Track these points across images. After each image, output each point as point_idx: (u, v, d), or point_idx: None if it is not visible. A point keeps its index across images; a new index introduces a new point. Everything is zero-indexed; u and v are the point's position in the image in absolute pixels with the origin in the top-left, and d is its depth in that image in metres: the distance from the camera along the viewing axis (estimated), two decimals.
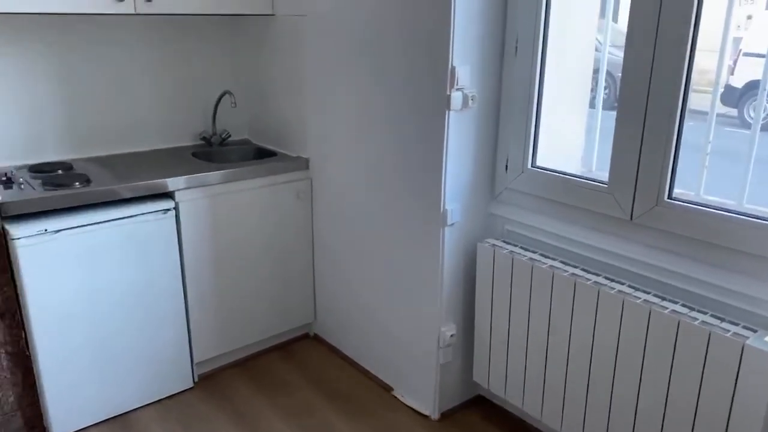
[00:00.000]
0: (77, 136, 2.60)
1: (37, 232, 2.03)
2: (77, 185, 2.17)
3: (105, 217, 2.16)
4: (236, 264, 2.58)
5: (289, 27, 2.63)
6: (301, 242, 2.78)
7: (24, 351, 2.17)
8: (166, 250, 2.33)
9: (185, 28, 2.80)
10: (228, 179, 2.46)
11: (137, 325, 2.32)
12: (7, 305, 2.10)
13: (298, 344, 2.91)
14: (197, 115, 2.93)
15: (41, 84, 2.47)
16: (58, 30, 2.46)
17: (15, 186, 2.15)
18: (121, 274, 2.24)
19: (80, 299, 2.16)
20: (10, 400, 2.18)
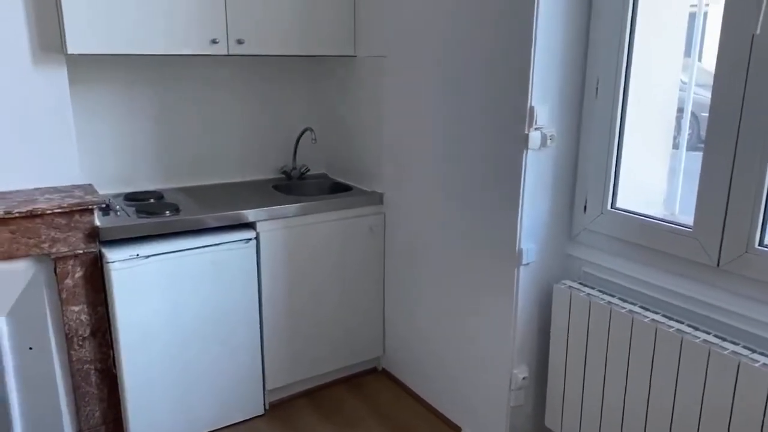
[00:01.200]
0: (168, 167, 2.77)
1: (129, 256, 2.16)
2: (168, 214, 2.31)
3: (192, 245, 2.27)
4: (310, 295, 2.64)
5: (369, 67, 2.73)
6: (373, 276, 2.82)
7: (111, 369, 2.29)
8: (245, 279, 2.42)
9: (271, 68, 2.95)
10: (305, 212, 2.54)
11: (215, 350, 2.41)
12: (99, 324, 2.24)
13: (366, 378, 2.92)
14: (279, 150, 3.06)
15: (139, 118, 2.67)
16: (156, 69, 2.66)
17: (112, 213, 2.31)
18: (203, 300, 2.34)
19: (164, 322, 2.27)
20: (96, 414, 2.30)
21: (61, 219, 2.09)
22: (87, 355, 2.23)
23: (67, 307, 2.17)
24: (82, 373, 2.24)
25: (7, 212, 1.98)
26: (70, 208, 2.09)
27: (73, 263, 2.15)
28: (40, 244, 2.08)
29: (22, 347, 2.18)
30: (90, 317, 2.21)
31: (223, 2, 2.40)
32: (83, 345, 2.22)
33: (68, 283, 2.15)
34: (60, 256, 2.12)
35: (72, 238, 2.12)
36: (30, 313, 2.15)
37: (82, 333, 2.21)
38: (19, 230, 2.04)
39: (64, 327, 2.18)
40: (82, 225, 2.14)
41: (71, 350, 2.20)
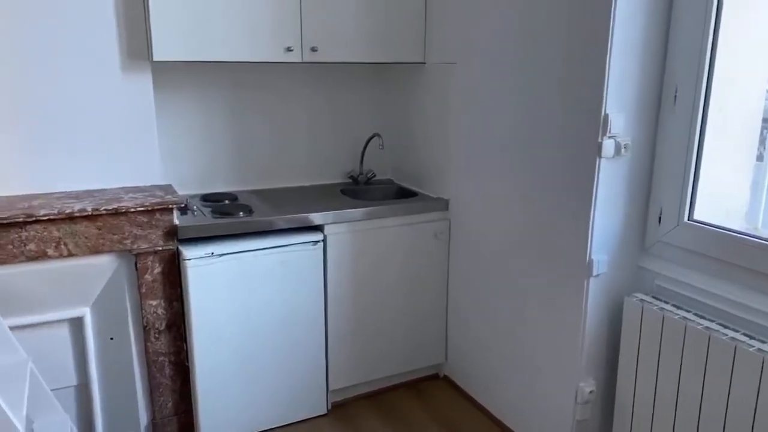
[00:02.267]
0: (242, 170, 2.88)
1: (204, 254, 2.25)
2: (241, 215, 2.40)
3: (262, 245, 2.35)
4: (374, 298, 2.67)
5: (438, 74, 2.74)
6: (437, 282, 2.82)
7: (184, 361, 2.39)
8: (312, 280, 2.48)
9: (340, 75, 3.01)
10: (371, 216, 2.58)
11: (282, 348, 2.47)
12: (175, 318, 2.34)
13: (428, 383, 2.92)
14: (347, 155, 3.12)
15: (216, 123, 2.78)
16: (232, 75, 2.77)
17: (189, 213, 2.42)
18: (271, 299, 2.41)
19: (234, 319, 2.35)
20: (168, 405, 2.40)
21: (143, 217, 2.21)
22: (162, 347, 2.34)
23: (146, 300, 2.28)
24: (157, 364, 2.35)
25: (94, 209, 2.11)
26: (151, 207, 2.20)
27: (152, 259, 2.26)
28: (123, 240, 2.20)
29: (104, 337, 2.31)
30: (166, 311, 2.32)
31: (298, 11, 2.48)
32: (159, 338, 2.33)
33: (147, 278, 2.27)
34: (141, 252, 2.23)
35: (152, 236, 2.24)
36: (112, 305, 2.28)
37: (159, 326, 2.32)
38: (105, 227, 2.16)
39: (142, 320, 2.30)
40: (162, 223, 2.25)
41: (148, 342, 2.32)
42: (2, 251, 2.03)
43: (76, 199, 2.21)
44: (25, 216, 2.01)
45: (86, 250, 2.15)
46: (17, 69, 2.18)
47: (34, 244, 2.07)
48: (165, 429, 2.41)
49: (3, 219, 1.99)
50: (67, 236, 2.11)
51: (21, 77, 2.19)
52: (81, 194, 2.29)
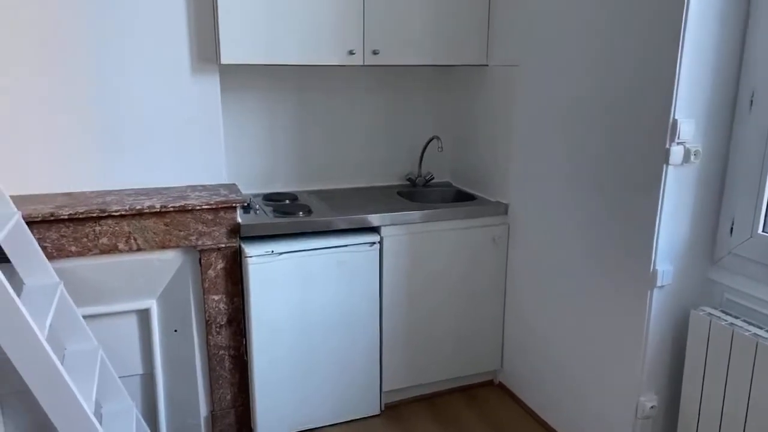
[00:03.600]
0: (303, 171, 2.93)
1: (265, 252, 2.31)
2: (301, 214, 2.44)
3: (321, 245, 2.39)
4: (429, 301, 2.67)
5: (500, 76, 2.71)
6: (494, 288, 2.78)
7: (243, 356, 2.46)
8: (368, 281, 2.50)
9: (401, 76, 3.02)
10: (428, 219, 2.57)
11: (337, 347, 2.50)
12: (235, 314, 2.42)
13: (482, 390, 2.89)
14: (405, 157, 3.13)
15: (279, 124, 2.85)
16: (294, 78, 2.83)
17: (252, 211, 2.49)
18: (328, 298, 2.45)
19: (292, 316, 2.40)
20: (227, 397, 2.48)
21: (208, 215, 2.29)
22: (223, 341, 2.42)
23: (209, 295, 2.36)
24: (217, 357, 2.43)
25: (162, 206, 2.20)
26: (216, 205, 2.28)
27: (215, 256, 2.34)
28: (189, 236, 2.29)
29: (168, 329, 2.41)
30: (227, 306, 2.40)
31: (361, 14, 2.51)
32: (220, 332, 2.41)
33: (210, 274, 2.35)
34: (205, 248, 2.31)
35: (216, 233, 2.32)
36: (176, 298, 2.37)
37: (220, 321, 2.40)
38: (172, 223, 2.25)
39: (204, 314, 2.38)
40: (226, 221, 2.32)
41: (209, 336, 2.40)
42: (78, 244, 2.15)
43: (146, 196, 2.32)
44: (99, 211, 2.13)
45: (154, 245, 2.25)
46: (94, 71, 2.31)
47: (107, 238, 2.18)
48: (223, 421, 2.49)
49: (80, 213, 2.10)
50: (136, 231, 2.21)
51: (98, 79, 2.32)
52: (151, 191, 2.39)
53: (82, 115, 2.32)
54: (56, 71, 2.26)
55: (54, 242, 2.12)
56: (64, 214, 2.09)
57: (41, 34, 2.21)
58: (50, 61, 2.25)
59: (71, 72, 2.28)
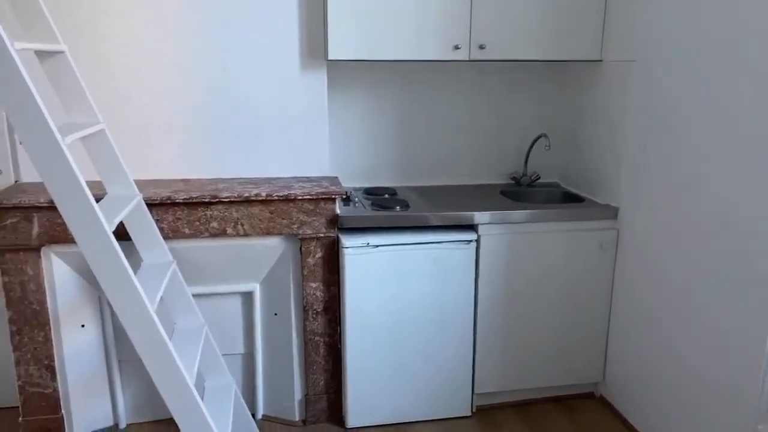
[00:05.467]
0: (405, 166, 2.95)
1: (361, 244, 2.35)
2: (398, 209, 2.46)
3: (417, 240, 2.39)
4: (527, 305, 2.58)
5: (615, 72, 2.55)
6: (599, 296, 2.63)
7: (337, 344, 2.52)
8: (463, 279, 2.46)
9: (508, 72, 2.94)
10: (530, 219, 2.48)
11: (430, 343, 2.49)
12: (331, 302, 2.48)
13: (581, 402, 2.74)
14: (510, 155, 3.04)
15: (382, 119, 2.88)
16: (398, 73, 2.84)
17: (351, 204, 2.54)
18: (423, 294, 2.44)
19: (386, 308, 2.42)
20: (321, 383, 2.55)
21: (310, 205, 2.37)
22: (318, 328, 2.49)
23: (307, 282, 2.44)
24: (313, 343, 2.50)
25: (268, 195, 2.31)
26: (317, 196, 2.35)
27: (315, 245, 2.41)
28: (291, 225, 2.38)
29: (269, 312, 2.52)
30: (324, 294, 2.47)
31: (468, 8, 2.47)
32: (316, 318, 2.48)
33: (309, 262, 2.42)
34: (305, 237, 2.40)
35: (316, 223, 2.39)
36: (277, 284, 2.48)
37: (317, 308, 2.47)
38: (276, 211, 2.36)
39: (302, 300, 2.47)
40: (326, 212, 2.39)
41: (306, 321, 2.48)
42: (191, 226, 2.31)
43: (254, 185, 2.44)
44: (210, 197, 2.27)
45: (259, 231, 2.36)
46: (211, 65, 2.46)
47: (217, 223, 2.32)
48: (316, 405, 2.57)
49: (194, 198, 2.26)
50: (243, 217, 2.34)
51: (214, 72, 2.47)
52: (259, 181, 2.52)
53: (200, 107, 2.49)
54: (179, 67, 2.44)
55: (170, 224, 2.29)
56: (180, 199, 2.25)
57: (165, 29, 2.40)
58: (173, 56, 2.43)
59: (192, 66, 2.45)
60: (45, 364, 2.33)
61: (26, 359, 2.31)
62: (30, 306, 2.27)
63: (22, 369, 2.32)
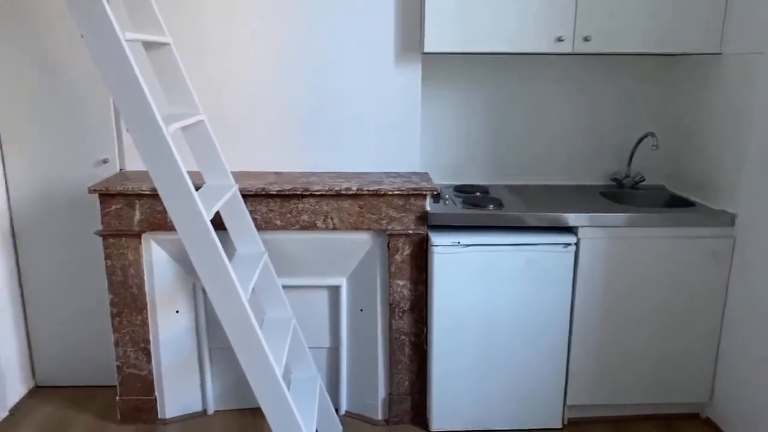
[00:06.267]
0: (498, 164, 2.84)
1: (451, 243, 2.27)
2: (491, 208, 2.36)
3: (510, 241, 2.28)
4: (628, 315, 2.40)
5: (737, 66, 2.33)
6: (709, 308, 2.42)
7: (423, 344, 2.46)
8: (559, 284, 2.33)
9: (613, 66, 2.76)
10: (634, 224, 2.31)
11: (521, 350, 2.38)
12: (418, 301, 2.42)
13: (684, 423, 2.53)
14: (611, 155, 2.86)
15: (475, 115, 2.78)
16: (494, 66, 2.73)
17: (441, 201, 2.47)
18: (514, 298, 2.33)
19: (475, 311, 2.33)
20: (405, 383, 2.50)
21: (399, 201, 2.32)
22: (404, 327, 2.44)
23: (394, 280, 2.39)
24: (398, 342, 2.45)
25: (358, 189, 2.28)
26: (407, 192, 2.30)
27: (403, 241, 2.36)
28: (380, 220, 2.34)
29: (355, 308, 2.50)
30: (411, 293, 2.41)
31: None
32: (402, 317, 2.43)
33: (397, 259, 2.38)
34: (394, 233, 2.35)
35: (405, 219, 2.34)
36: (364, 279, 2.45)
37: (403, 306, 2.42)
38: (366, 206, 2.32)
39: (389, 297, 2.42)
40: (415, 208, 2.33)
41: (392, 319, 2.43)
42: (283, 218, 2.32)
43: (344, 179, 2.42)
44: (302, 190, 2.27)
45: (348, 225, 2.34)
46: (307, 58, 2.47)
47: (307, 216, 2.32)
48: (399, 406, 2.52)
49: (286, 190, 2.27)
50: (333, 211, 2.32)
51: (309, 65, 2.47)
52: (350, 175, 2.50)
53: (294, 100, 2.50)
54: (275, 59, 2.46)
55: (263, 215, 2.31)
56: (273, 190, 2.26)
57: (262, 22, 2.43)
58: (270, 49, 2.45)
59: (288, 58, 2.46)
60: (141, 347, 2.42)
61: (124, 341, 2.41)
62: (129, 290, 2.36)
63: (120, 350, 2.42)
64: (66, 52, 2.43)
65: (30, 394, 2.68)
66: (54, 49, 2.43)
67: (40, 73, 2.44)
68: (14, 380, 2.60)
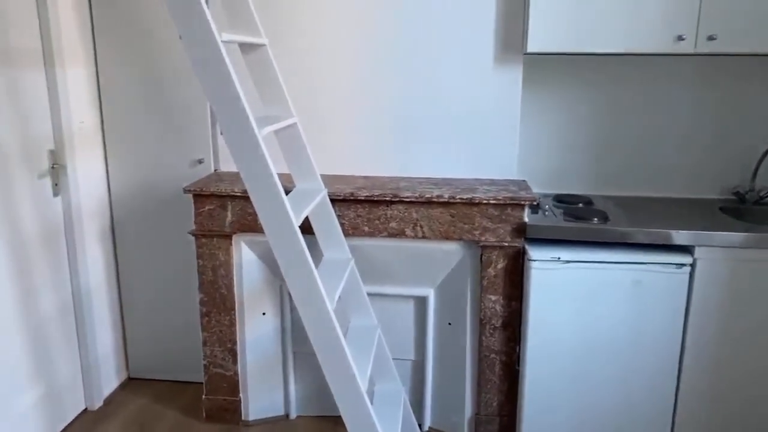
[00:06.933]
0: (602, 173, 2.63)
1: (550, 258, 2.11)
2: (595, 221, 2.18)
3: (615, 258, 2.09)
4: (751, 350, 2.13)
5: None
6: None
7: (515, 364, 2.31)
8: (670, 309, 2.11)
9: (740, 68, 2.48)
10: (757, 245, 2.05)
11: (620, 378, 2.17)
12: (511, 318, 2.27)
13: None
14: (734, 167, 2.57)
15: (579, 120, 2.59)
16: (602, 68, 2.52)
17: (540, 212, 2.31)
18: (619, 321, 2.13)
19: (574, 333, 2.16)
20: (493, 404, 2.36)
21: (494, 210, 2.19)
22: (495, 344, 2.30)
23: (486, 294, 2.26)
24: (488, 360, 2.32)
25: (450, 197, 2.17)
26: (503, 201, 2.16)
27: (497, 254, 2.22)
28: (473, 230, 2.22)
29: (442, 321, 2.39)
30: (504, 309, 2.27)
31: None
32: (493, 334, 2.29)
33: (490, 272, 2.24)
34: (487, 244, 2.22)
35: (500, 230, 2.20)
36: (454, 292, 2.33)
37: (495, 323, 2.28)
38: (458, 215, 2.21)
39: (479, 312, 2.29)
40: (512, 219, 2.19)
41: (482, 336, 2.30)
42: (370, 225, 2.25)
43: (435, 185, 2.32)
44: (391, 196, 2.19)
45: (438, 234, 2.23)
46: (401, 60, 2.38)
47: (396, 223, 2.24)
48: (487, 426, 2.38)
49: (375, 196, 2.20)
50: (423, 219, 2.22)
51: (403, 67, 2.38)
52: (440, 181, 2.39)
53: (386, 102, 2.42)
54: (368, 61, 2.40)
55: (351, 220, 2.25)
56: (362, 196, 2.20)
57: (357, 23, 2.37)
58: (363, 51, 2.39)
59: (382, 60, 2.39)
60: (228, 347, 2.43)
61: (212, 341, 2.43)
62: (219, 290, 2.37)
63: (207, 349, 2.44)
64: (167, 54, 2.48)
65: (123, 386, 2.78)
66: (156, 52, 2.49)
67: (142, 74, 2.51)
68: (110, 371, 2.69)
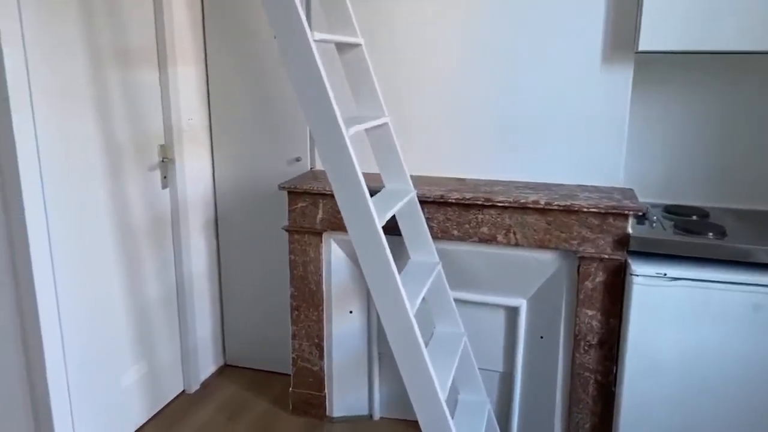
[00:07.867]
0: (721, 183, 2.38)
1: (656, 273, 1.94)
2: (710, 236, 1.97)
3: (733, 278, 1.87)
4: None
5: None
6: None
7: (611, 386, 2.15)
8: None
9: None
10: None
11: (734, 409, 1.95)
12: (608, 336, 2.12)
13: None
14: None
15: (694, 125, 2.36)
16: (727, 69, 2.28)
17: (647, 223, 2.13)
18: (732, 348, 1.91)
19: (678, 357, 1.96)
20: (586, 425, 2.21)
21: (595, 219, 2.04)
22: (590, 363, 2.15)
23: (582, 308, 2.12)
24: (581, 379, 2.17)
25: (547, 203, 2.06)
26: (605, 210, 2.01)
27: (596, 266, 2.08)
28: (570, 240, 2.09)
29: (534, 334, 2.27)
30: (601, 326, 2.12)
31: None
32: (588, 352, 2.15)
33: (587, 285, 2.10)
34: (585, 255, 2.08)
35: (600, 241, 2.05)
36: (547, 304, 2.21)
37: (590, 339, 2.14)
38: (554, 222, 2.09)
39: (574, 328, 2.16)
40: (614, 230, 2.04)
41: (576, 353, 2.16)
42: (460, 229, 2.18)
43: (532, 190, 2.21)
44: (484, 199, 2.11)
45: (532, 242, 2.13)
46: (500, 59, 2.29)
47: (487, 228, 2.16)
48: None
49: (466, 199, 2.13)
50: (516, 225, 2.13)
51: (502, 66, 2.29)
52: (538, 186, 2.27)
53: (484, 102, 2.34)
54: (466, 60, 2.32)
55: (440, 224, 2.20)
56: (453, 198, 2.14)
57: (456, 20, 2.30)
58: (461, 49, 2.32)
59: (480, 58, 2.31)
60: (315, 342, 2.46)
61: (301, 335, 2.47)
62: (308, 286, 2.41)
63: (296, 343, 2.49)
64: (270, 55, 2.56)
65: (219, 372, 2.90)
66: (261, 53, 2.57)
67: (247, 74, 2.61)
68: (207, 357, 2.83)
